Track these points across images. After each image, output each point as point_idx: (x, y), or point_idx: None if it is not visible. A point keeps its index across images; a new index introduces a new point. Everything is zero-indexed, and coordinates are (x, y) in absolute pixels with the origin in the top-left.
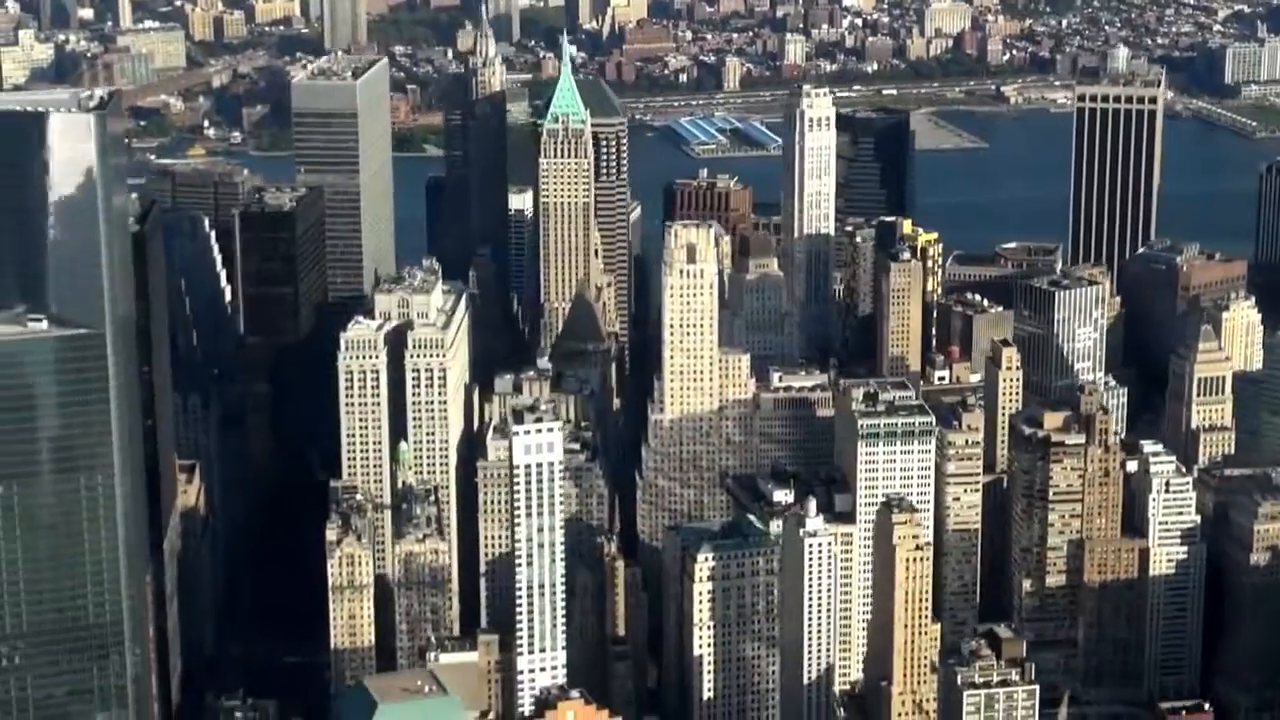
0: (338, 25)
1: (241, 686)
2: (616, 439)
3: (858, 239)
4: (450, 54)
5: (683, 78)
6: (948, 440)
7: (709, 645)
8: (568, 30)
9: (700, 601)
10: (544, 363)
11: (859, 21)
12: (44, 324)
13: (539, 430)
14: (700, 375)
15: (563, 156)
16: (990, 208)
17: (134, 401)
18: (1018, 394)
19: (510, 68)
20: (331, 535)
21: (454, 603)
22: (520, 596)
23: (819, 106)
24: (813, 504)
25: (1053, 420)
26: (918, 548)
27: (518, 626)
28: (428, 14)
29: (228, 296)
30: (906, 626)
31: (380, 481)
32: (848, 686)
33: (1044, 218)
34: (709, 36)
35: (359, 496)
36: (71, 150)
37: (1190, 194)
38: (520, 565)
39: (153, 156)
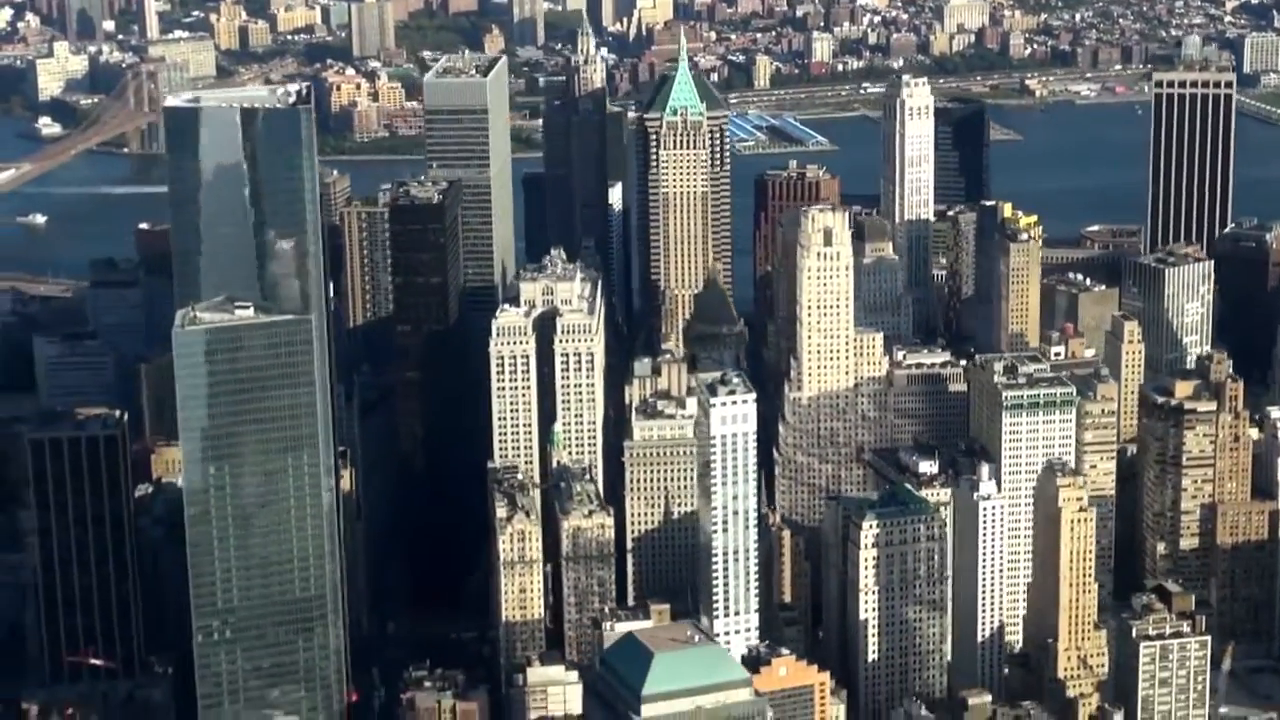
0: (366, 32)
1: (406, 661)
2: None
3: (961, 223)
4: (480, 57)
5: (714, 77)
6: (1084, 410)
7: (874, 609)
8: (591, 31)
9: (865, 567)
10: (667, 346)
11: (878, 19)
12: (250, 310)
13: (735, 401)
14: (836, 354)
15: (681, 148)
16: (1051, 195)
17: (331, 384)
18: (1140, 366)
19: (540, 69)
20: (501, 513)
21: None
22: (716, 562)
23: (918, 96)
24: (985, 469)
25: (1184, 389)
26: (1081, 509)
27: (713, 591)
28: (446, 19)
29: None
30: (1071, 585)
31: (530, 462)
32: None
33: (1106, 202)
34: (733, 37)
35: (519, 476)
36: (279, 144)
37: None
38: (715, 532)
39: None
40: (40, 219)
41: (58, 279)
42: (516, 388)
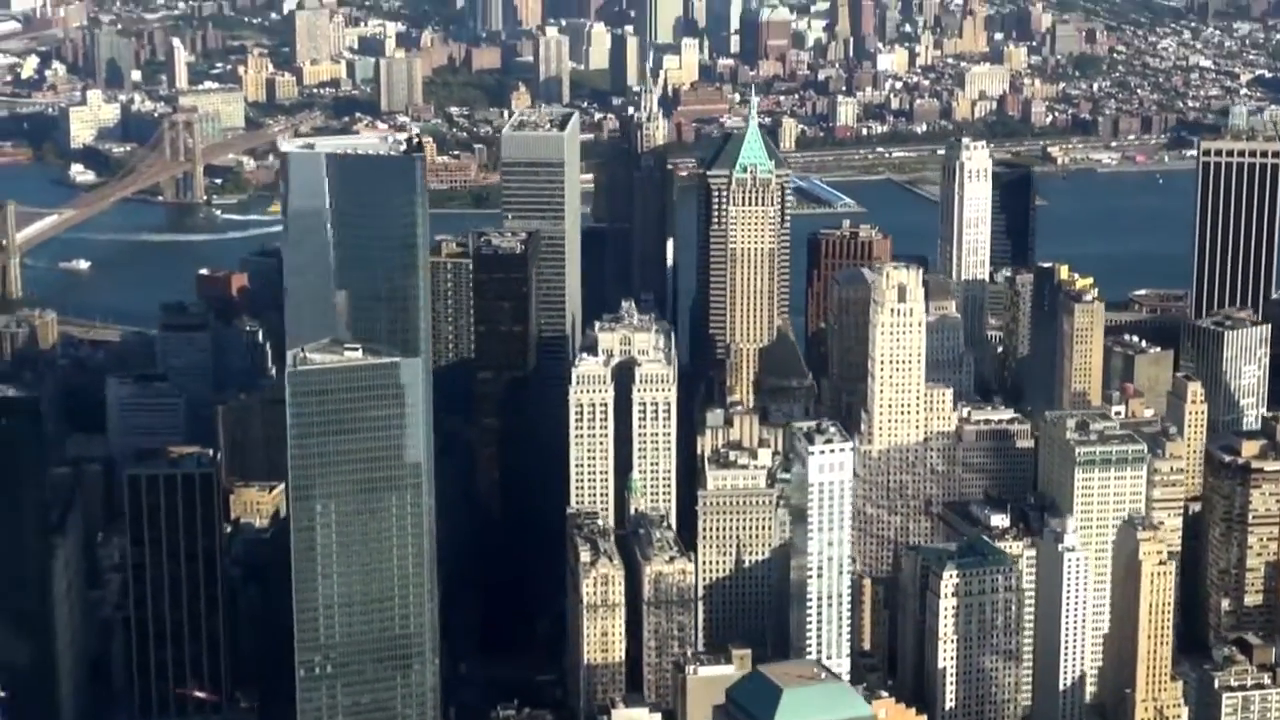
0: (394, 87)
1: (478, 702)
2: None
3: (1018, 284)
4: (505, 114)
5: None
6: (1153, 467)
7: (952, 658)
8: (653, 88)
9: (945, 616)
10: (733, 399)
11: (899, 84)
12: (359, 352)
13: (832, 451)
14: (907, 408)
15: (750, 205)
16: (1084, 260)
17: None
18: (1203, 426)
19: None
20: (585, 557)
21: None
22: (810, 607)
23: (977, 159)
24: (1071, 521)
25: (1250, 448)
26: (1161, 562)
27: (806, 635)
28: (470, 76)
29: None
30: (1149, 637)
31: (606, 508)
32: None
33: (1141, 267)
34: (756, 99)
35: (599, 522)
36: (394, 190)
37: None
38: (810, 578)
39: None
40: (84, 265)
41: (107, 324)
42: (594, 435)
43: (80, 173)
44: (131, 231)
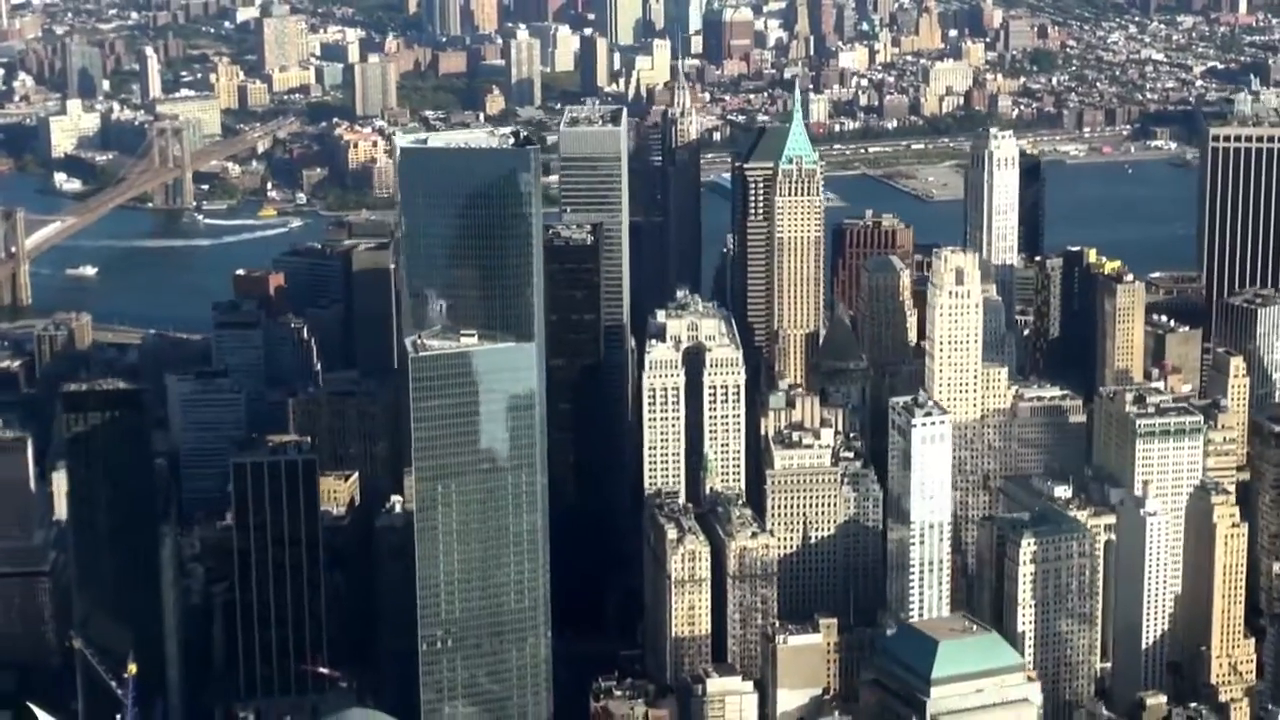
0: (369, 92)
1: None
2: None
3: (1048, 268)
4: (480, 116)
5: (716, 136)
6: (1207, 439)
7: (1030, 622)
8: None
9: (1023, 582)
10: (784, 383)
11: (864, 82)
12: (475, 338)
13: (933, 422)
14: (965, 387)
15: (796, 195)
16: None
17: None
18: (1245, 399)
19: (545, 128)
20: (672, 534)
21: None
22: (913, 572)
23: (1005, 148)
24: (1152, 486)
25: None
26: (1234, 525)
27: (909, 600)
28: (438, 80)
29: None
30: (1224, 597)
31: (678, 489)
32: None
33: (1138, 253)
34: (727, 98)
35: (680, 501)
36: (510, 182)
37: None
38: (913, 544)
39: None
40: (91, 271)
41: (122, 327)
42: (667, 418)
43: (66, 181)
44: (126, 238)
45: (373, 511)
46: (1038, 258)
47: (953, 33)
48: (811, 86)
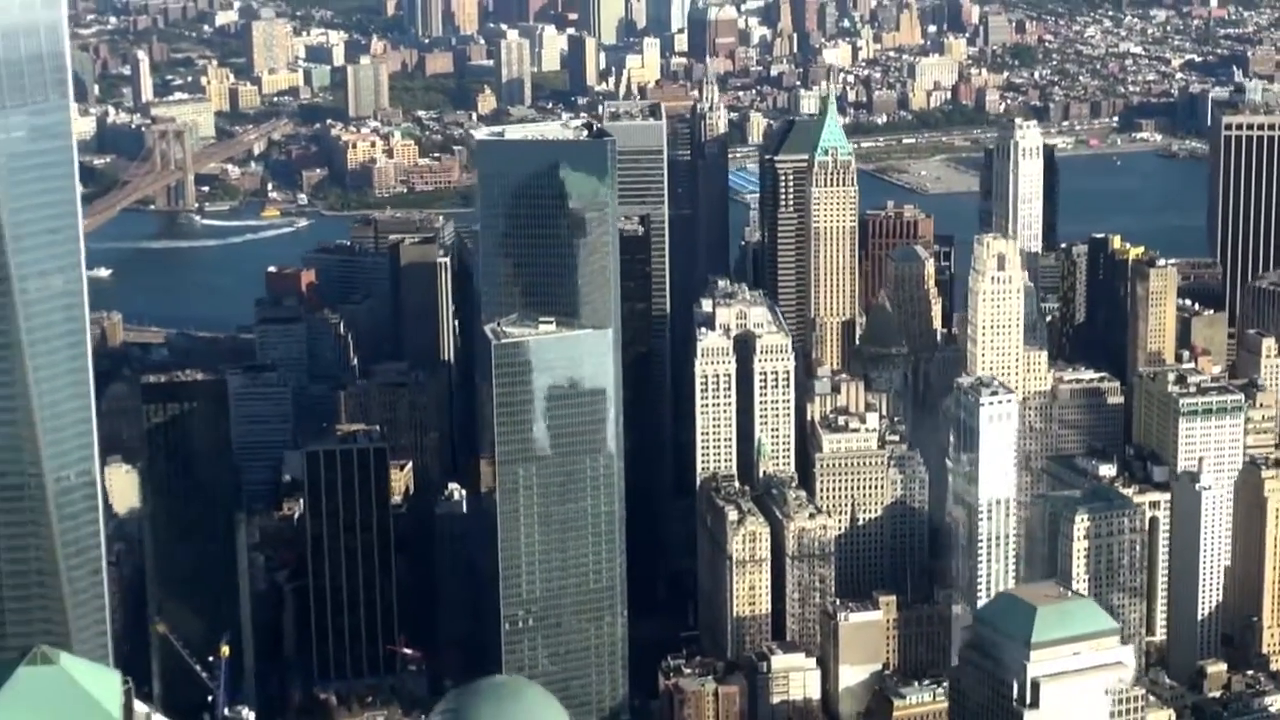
0: (361, 93)
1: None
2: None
3: (1074, 255)
4: (473, 116)
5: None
6: (1246, 417)
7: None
8: (580, 94)
9: (1077, 557)
10: (823, 370)
11: (851, 78)
12: (553, 325)
13: (1000, 401)
14: (1007, 370)
15: (831, 186)
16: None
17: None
18: (1278, 379)
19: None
20: (733, 516)
21: None
22: (981, 548)
23: (1030, 138)
24: (1205, 461)
25: None
26: None
27: (977, 576)
28: (426, 80)
29: None
30: (1275, 569)
31: (731, 473)
32: None
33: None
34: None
35: (735, 484)
36: (586, 172)
37: None
38: (981, 520)
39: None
40: (105, 272)
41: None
42: (719, 404)
43: None
44: (132, 240)
45: (429, 499)
46: (1063, 245)
47: (932, 28)
48: (800, 83)
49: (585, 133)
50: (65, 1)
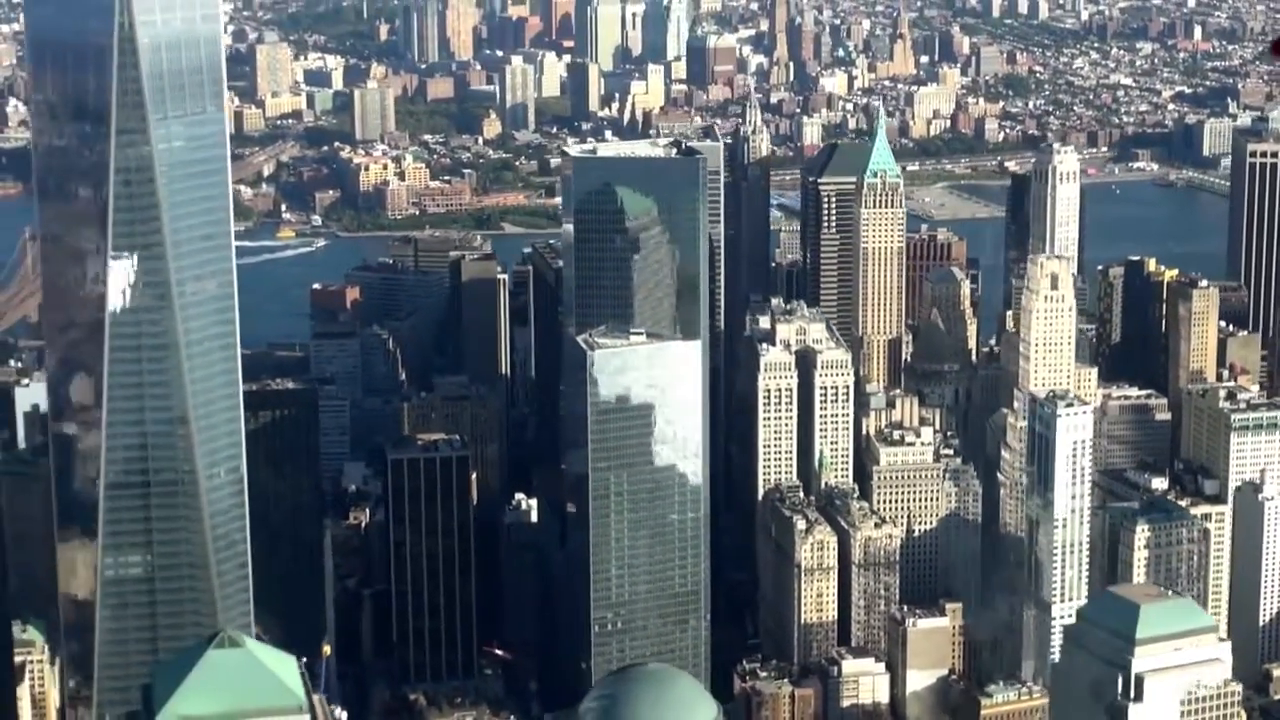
0: (368, 116)
1: None
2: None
3: (1110, 276)
4: (479, 140)
5: None
6: None
7: None
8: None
9: (1138, 567)
10: (871, 387)
11: (851, 106)
12: (643, 336)
13: (1076, 413)
14: (1059, 386)
15: (880, 207)
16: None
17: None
18: None
19: (544, 151)
20: (801, 525)
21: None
22: (1057, 554)
23: (1067, 162)
24: (1273, 472)
25: None
26: None
27: (1051, 583)
28: (428, 105)
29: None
30: None
31: (793, 485)
32: None
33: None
34: (718, 121)
35: (800, 494)
36: (681, 188)
37: None
38: (1058, 527)
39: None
40: None
41: None
42: (781, 417)
43: None
44: None
45: (493, 508)
46: (1099, 267)
47: (925, 59)
48: (800, 110)
49: (675, 151)
50: (222, 15)
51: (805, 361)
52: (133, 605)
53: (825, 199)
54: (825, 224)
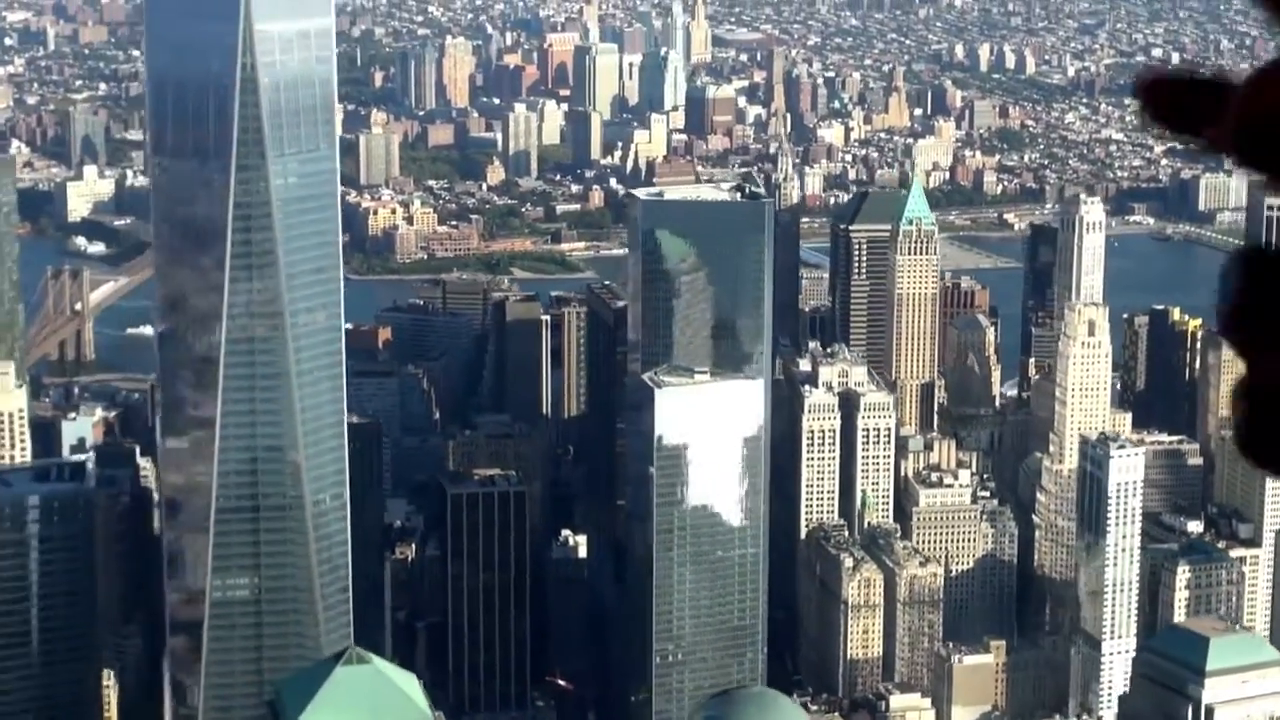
0: (373, 161)
1: None
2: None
3: (1135, 324)
4: (484, 186)
5: None
6: None
7: None
8: (586, 167)
9: (1178, 606)
10: (907, 432)
11: (849, 156)
12: (707, 375)
13: (1129, 455)
14: (1095, 431)
15: (914, 254)
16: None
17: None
18: None
19: (549, 198)
20: (848, 562)
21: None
22: (1107, 593)
23: (1094, 213)
24: None
25: None
26: None
27: (1102, 621)
28: (428, 150)
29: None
30: None
31: (836, 524)
32: None
33: None
34: (715, 171)
35: (846, 533)
36: (743, 231)
37: None
38: (1109, 566)
39: None
40: (150, 330)
41: None
42: (824, 458)
43: (91, 244)
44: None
45: (538, 544)
46: (1124, 315)
47: (919, 111)
48: (801, 160)
49: (739, 194)
50: (335, 55)
51: (848, 404)
52: (239, 627)
53: (856, 245)
54: (856, 270)
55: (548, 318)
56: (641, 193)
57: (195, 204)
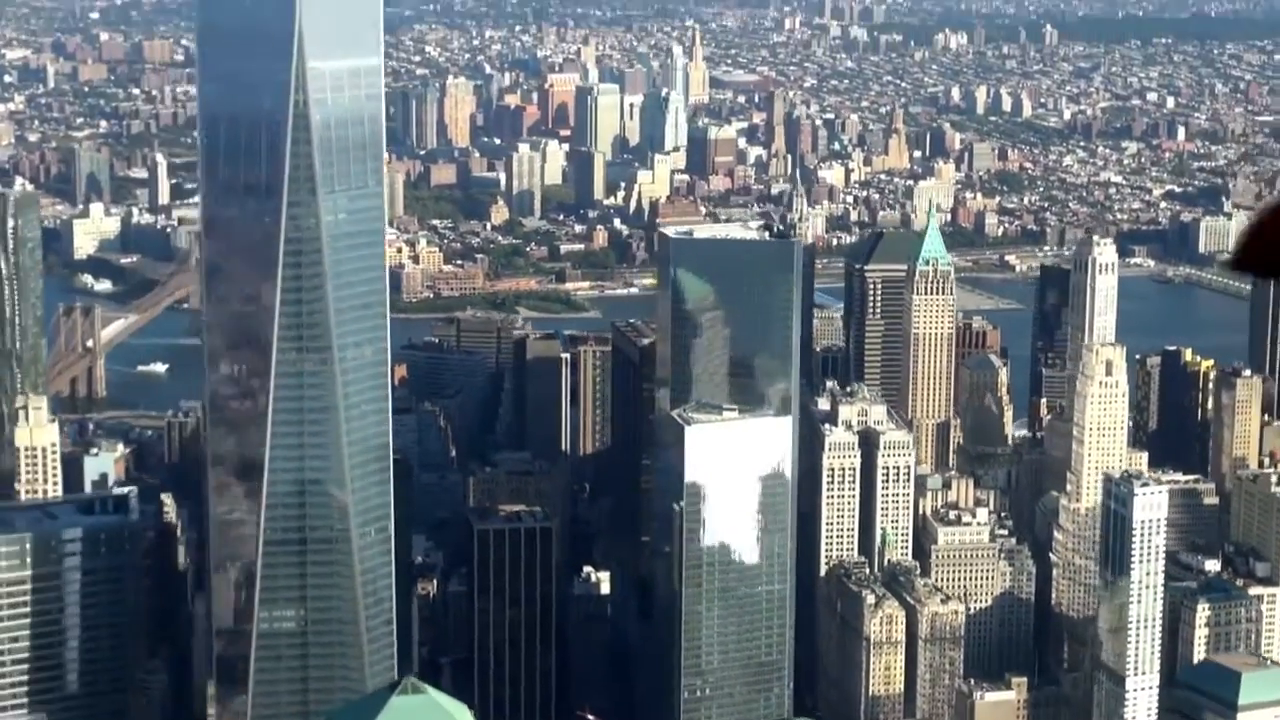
0: None
1: None
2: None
3: (1147, 365)
4: (488, 226)
5: None
6: None
7: None
8: (589, 207)
9: (1198, 645)
10: (923, 470)
11: (849, 198)
12: (735, 412)
13: (1153, 493)
14: (1112, 470)
15: (931, 294)
16: None
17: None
18: None
19: (553, 238)
20: (870, 599)
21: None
22: (1131, 629)
23: (1107, 254)
24: None
25: None
26: None
27: (1127, 658)
28: (431, 190)
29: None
30: None
31: (855, 561)
32: None
33: None
34: (720, 212)
35: (866, 570)
36: (771, 270)
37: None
38: (1133, 603)
39: None
40: (161, 368)
41: None
42: (844, 496)
43: (98, 282)
44: (175, 336)
45: (561, 581)
46: (1137, 356)
47: (918, 153)
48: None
49: (767, 233)
50: (383, 95)
51: (868, 442)
52: (286, 658)
53: (871, 285)
54: (871, 309)
55: (567, 356)
56: (671, 231)
57: (247, 239)
